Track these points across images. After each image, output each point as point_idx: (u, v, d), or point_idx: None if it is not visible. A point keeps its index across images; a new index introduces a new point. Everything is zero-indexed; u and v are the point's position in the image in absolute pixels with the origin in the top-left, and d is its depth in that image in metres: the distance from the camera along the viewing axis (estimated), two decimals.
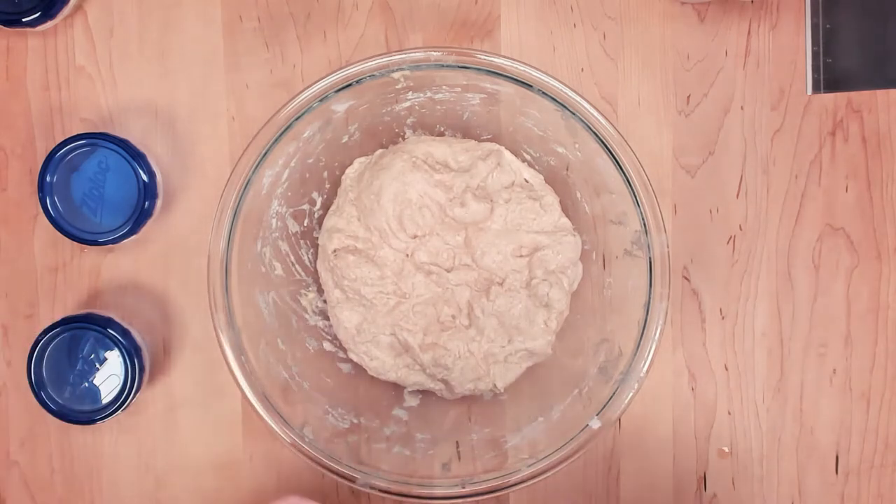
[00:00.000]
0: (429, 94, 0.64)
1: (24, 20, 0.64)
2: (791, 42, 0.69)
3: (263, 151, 0.60)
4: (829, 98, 0.70)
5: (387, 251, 0.65)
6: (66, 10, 0.66)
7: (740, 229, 0.70)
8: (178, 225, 0.69)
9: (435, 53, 0.59)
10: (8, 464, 0.69)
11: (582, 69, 0.69)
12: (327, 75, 0.60)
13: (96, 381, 0.64)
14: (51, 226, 0.64)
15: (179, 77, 0.68)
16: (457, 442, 0.66)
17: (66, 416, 0.64)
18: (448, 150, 0.66)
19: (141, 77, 0.68)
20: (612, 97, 0.69)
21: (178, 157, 0.68)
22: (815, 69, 0.69)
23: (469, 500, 0.61)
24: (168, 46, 0.68)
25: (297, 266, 0.67)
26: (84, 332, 0.64)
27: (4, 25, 0.64)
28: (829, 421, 0.71)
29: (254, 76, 0.68)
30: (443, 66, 0.60)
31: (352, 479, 0.61)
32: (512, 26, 0.68)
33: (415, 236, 0.65)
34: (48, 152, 0.63)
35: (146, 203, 0.64)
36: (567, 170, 0.65)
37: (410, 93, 0.63)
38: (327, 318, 0.68)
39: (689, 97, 0.69)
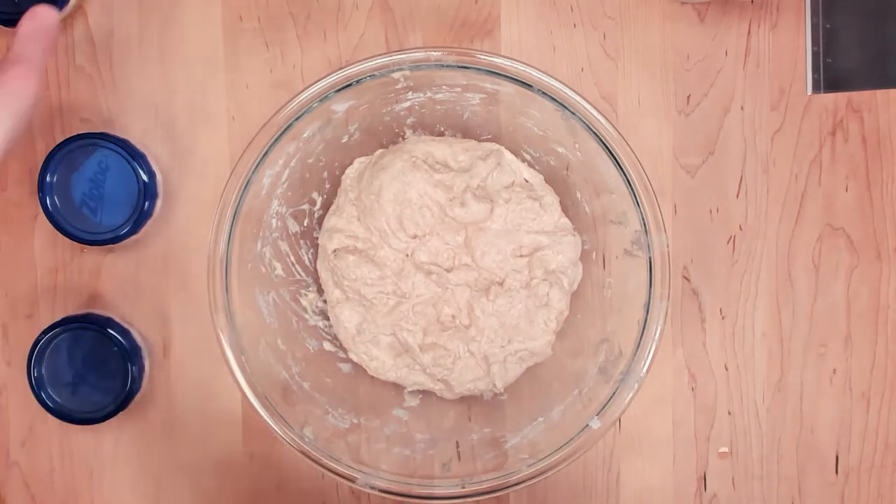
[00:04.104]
0: (429, 94, 0.64)
1: None
2: (791, 42, 0.69)
3: (263, 151, 0.60)
4: (829, 98, 0.70)
5: (387, 251, 0.65)
6: (66, 10, 0.66)
7: (740, 229, 0.70)
8: (178, 225, 0.69)
9: (435, 53, 0.59)
10: (8, 464, 0.69)
11: (582, 69, 0.69)
12: (327, 75, 0.60)
13: (96, 381, 0.64)
14: (51, 226, 0.64)
15: (179, 77, 0.68)
16: (457, 442, 0.66)
17: (66, 416, 0.65)
18: (448, 149, 0.66)
19: (141, 77, 0.68)
20: (612, 97, 0.69)
21: (178, 157, 0.68)
22: (815, 69, 0.69)
23: (469, 500, 0.61)
24: (168, 46, 0.68)
25: (297, 266, 0.67)
26: (84, 332, 0.64)
27: (4, 25, 0.64)
28: (829, 421, 0.71)
29: (254, 76, 0.68)
30: (443, 66, 0.60)
31: (352, 479, 0.61)
32: (512, 26, 0.68)
33: (415, 236, 0.65)
34: (48, 152, 0.63)
35: (146, 203, 0.64)
36: (567, 170, 0.65)
37: (410, 93, 0.63)
38: (327, 318, 0.68)
39: (689, 97, 0.69)
